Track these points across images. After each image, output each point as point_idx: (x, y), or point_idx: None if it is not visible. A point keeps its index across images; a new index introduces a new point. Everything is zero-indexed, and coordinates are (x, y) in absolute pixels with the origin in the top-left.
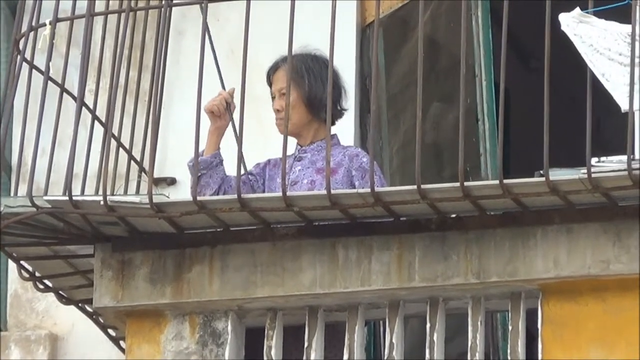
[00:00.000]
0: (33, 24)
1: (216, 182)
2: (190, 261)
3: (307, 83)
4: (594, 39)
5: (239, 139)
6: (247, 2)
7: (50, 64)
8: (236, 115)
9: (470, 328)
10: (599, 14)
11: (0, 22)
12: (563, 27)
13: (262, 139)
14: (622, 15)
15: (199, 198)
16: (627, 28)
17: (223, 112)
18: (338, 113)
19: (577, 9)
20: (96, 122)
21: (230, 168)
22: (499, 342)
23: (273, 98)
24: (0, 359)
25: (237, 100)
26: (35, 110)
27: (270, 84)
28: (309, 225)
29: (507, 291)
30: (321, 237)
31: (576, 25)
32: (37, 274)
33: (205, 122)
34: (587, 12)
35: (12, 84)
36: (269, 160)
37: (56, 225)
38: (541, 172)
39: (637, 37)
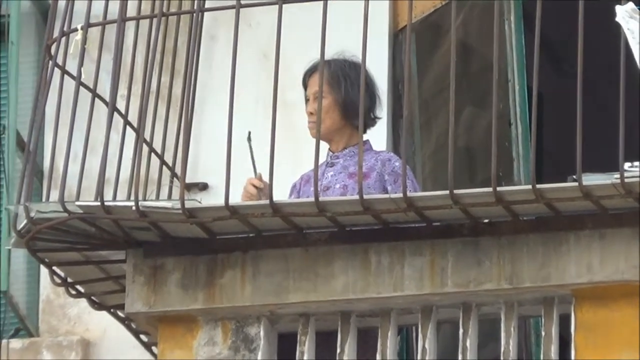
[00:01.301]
0: (65, 29)
1: None
2: (223, 267)
3: (344, 88)
4: None
5: (271, 145)
6: (279, 7)
7: (82, 69)
8: (268, 121)
9: (503, 334)
10: None
11: (32, 27)
12: (618, 19)
13: (294, 144)
14: None
15: (231, 203)
16: None
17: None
18: (371, 121)
19: (631, 3)
20: (128, 128)
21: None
22: (532, 347)
23: (307, 100)
24: None
25: (269, 106)
26: (67, 115)
27: (305, 86)
28: (341, 230)
29: (540, 296)
30: (353, 243)
31: (629, 19)
32: (69, 280)
33: (238, 127)
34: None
35: (43, 89)
36: (301, 178)
37: (88, 231)
38: (574, 177)
39: None
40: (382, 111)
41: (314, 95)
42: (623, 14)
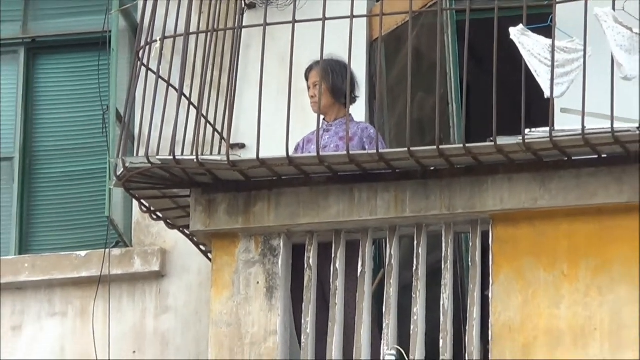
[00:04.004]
0: (148, 40)
1: None
2: (255, 200)
3: (332, 78)
4: (530, 46)
5: (287, 118)
6: (292, 25)
7: (160, 67)
8: (285, 102)
9: (443, 245)
10: (531, 31)
11: (126, 39)
12: (512, 37)
13: (302, 118)
14: (544, 32)
15: (260, 157)
16: (549, 41)
17: None
18: (352, 99)
19: (521, 25)
20: (191, 107)
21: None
22: (463, 254)
23: (309, 88)
24: (126, 267)
25: (285, 92)
26: (150, 98)
27: (307, 78)
28: (335, 175)
29: (469, 219)
30: (343, 183)
31: (520, 36)
32: (152, 209)
33: (265, 106)
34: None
35: (135, 82)
36: (303, 139)
37: (164, 176)
38: (492, 139)
39: (556, 48)
40: (360, 92)
41: (313, 84)
42: (515, 32)
